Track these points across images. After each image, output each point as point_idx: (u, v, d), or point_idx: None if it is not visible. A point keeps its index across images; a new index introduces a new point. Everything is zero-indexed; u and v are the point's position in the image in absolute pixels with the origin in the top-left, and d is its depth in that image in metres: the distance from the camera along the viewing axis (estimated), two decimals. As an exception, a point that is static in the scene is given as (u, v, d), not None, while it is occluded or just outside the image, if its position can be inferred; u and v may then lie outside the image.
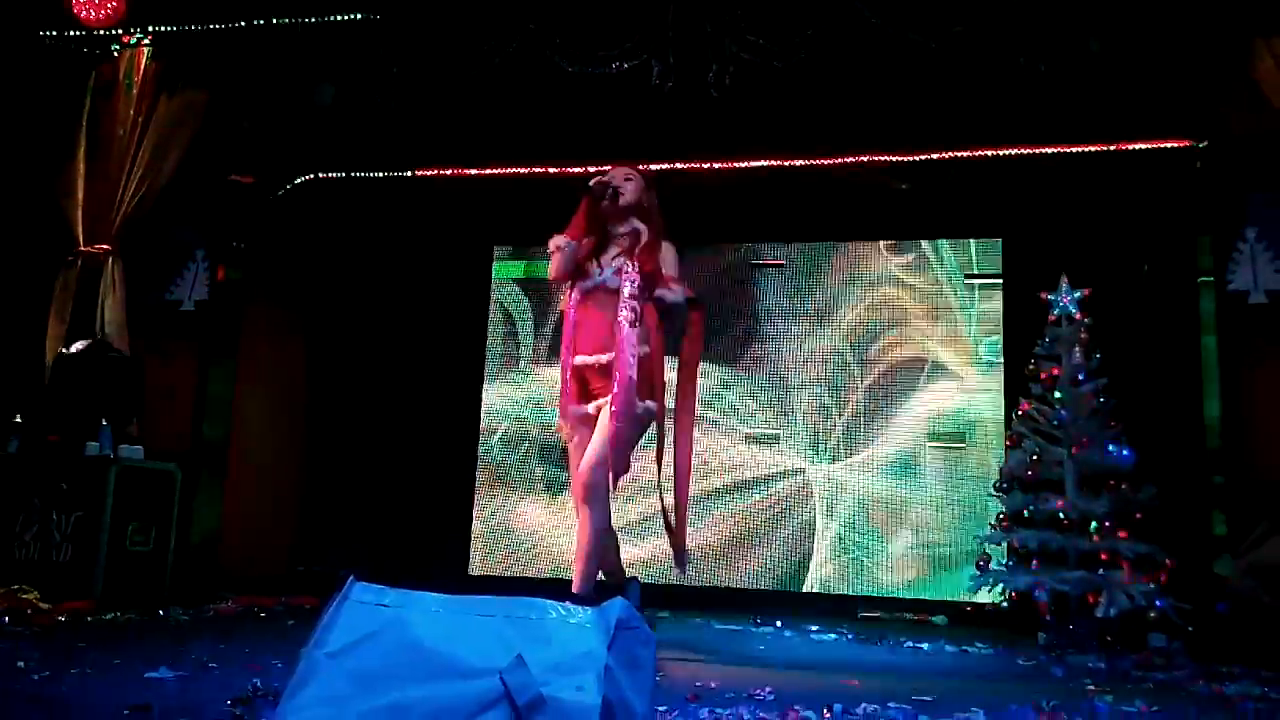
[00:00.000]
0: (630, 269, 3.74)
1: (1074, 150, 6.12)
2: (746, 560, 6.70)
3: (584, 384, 3.82)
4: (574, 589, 3.65)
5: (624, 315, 3.68)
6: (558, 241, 3.79)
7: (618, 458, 3.64)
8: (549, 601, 1.73)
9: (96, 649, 3.30)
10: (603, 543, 3.75)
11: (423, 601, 1.73)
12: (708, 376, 6.93)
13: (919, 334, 6.72)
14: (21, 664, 2.89)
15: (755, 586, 6.62)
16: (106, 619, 4.38)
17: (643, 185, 3.96)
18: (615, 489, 3.71)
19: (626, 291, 3.73)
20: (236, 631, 4.14)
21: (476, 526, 7.14)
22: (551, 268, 3.83)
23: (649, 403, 3.80)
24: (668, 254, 3.87)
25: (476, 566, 7.08)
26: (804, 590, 6.55)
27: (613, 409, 3.63)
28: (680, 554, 4.01)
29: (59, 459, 4.94)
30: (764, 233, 7.07)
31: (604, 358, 3.72)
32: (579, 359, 3.80)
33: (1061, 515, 4.83)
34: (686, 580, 6.67)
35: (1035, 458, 4.98)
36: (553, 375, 7.17)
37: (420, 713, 1.56)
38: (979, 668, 4.01)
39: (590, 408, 3.79)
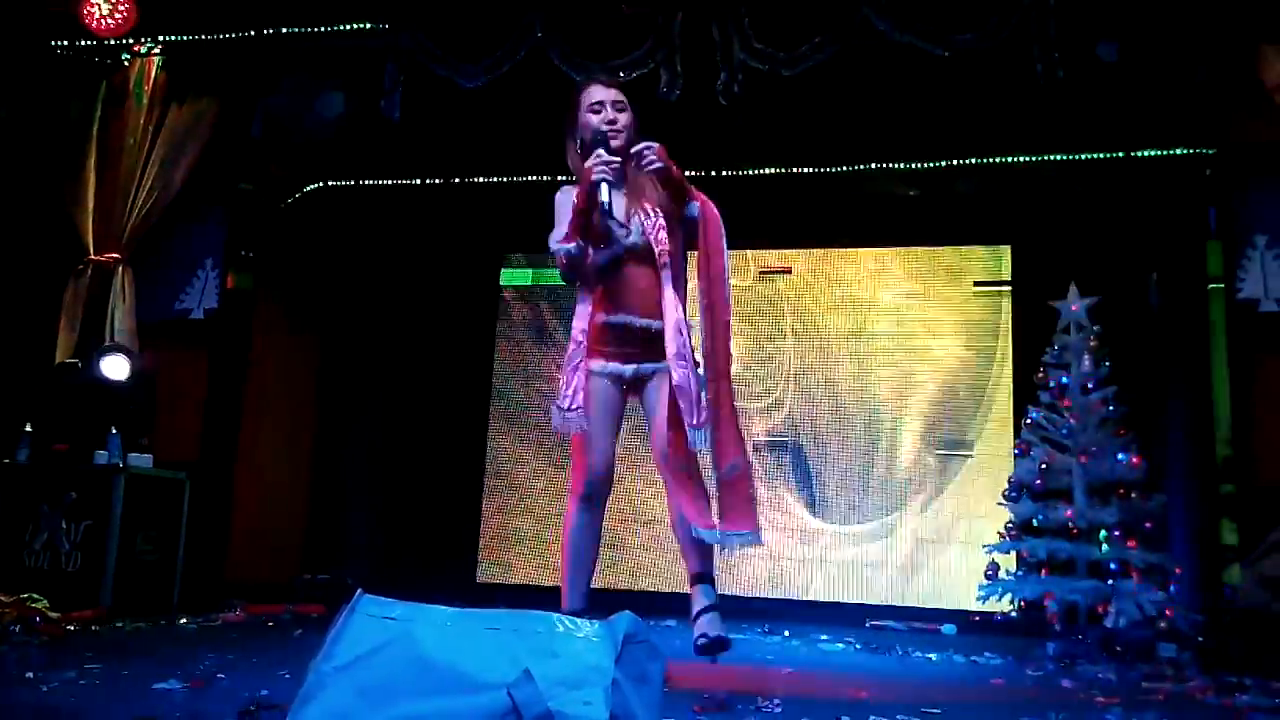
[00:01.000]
0: (653, 215, 3.20)
1: (1083, 157, 6.11)
2: (754, 568, 6.68)
3: (620, 345, 3.22)
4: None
5: (666, 275, 3.18)
6: (564, 250, 3.16)
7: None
8: (556, 614, 1.73)
9: (105, 659, 3.31)
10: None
11: (430, 614, 1.73)
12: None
13: (926, 341, 6.70)
14: (30, 674, 2.89)
15: (763, 595, 6.60)
16: (115, 628, 4.39)
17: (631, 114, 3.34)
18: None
19: (662, 241, 3.19)
20: (244, 641, 4.14)
21: (484, 534, 7.14)
22: (565, 277, 3.25)
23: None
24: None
25: (484, 574, 7.08)
26: (812, 599, 6.53)
27: (675, 383, 3.11)
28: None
29: (68, 467, 4.96)
30: (771, 239, 7.07)
31: (656, 323, 3.18)
32: (625, 317, 3.19)
33: (1070, 524, 4.81)
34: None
35: (1044, 466, 4.96)
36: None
37: (427, 727, 1.56)
38: (987, 678, 3.99)
39: (629, 370, 3.22)
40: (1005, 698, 3.42)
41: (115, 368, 5.26)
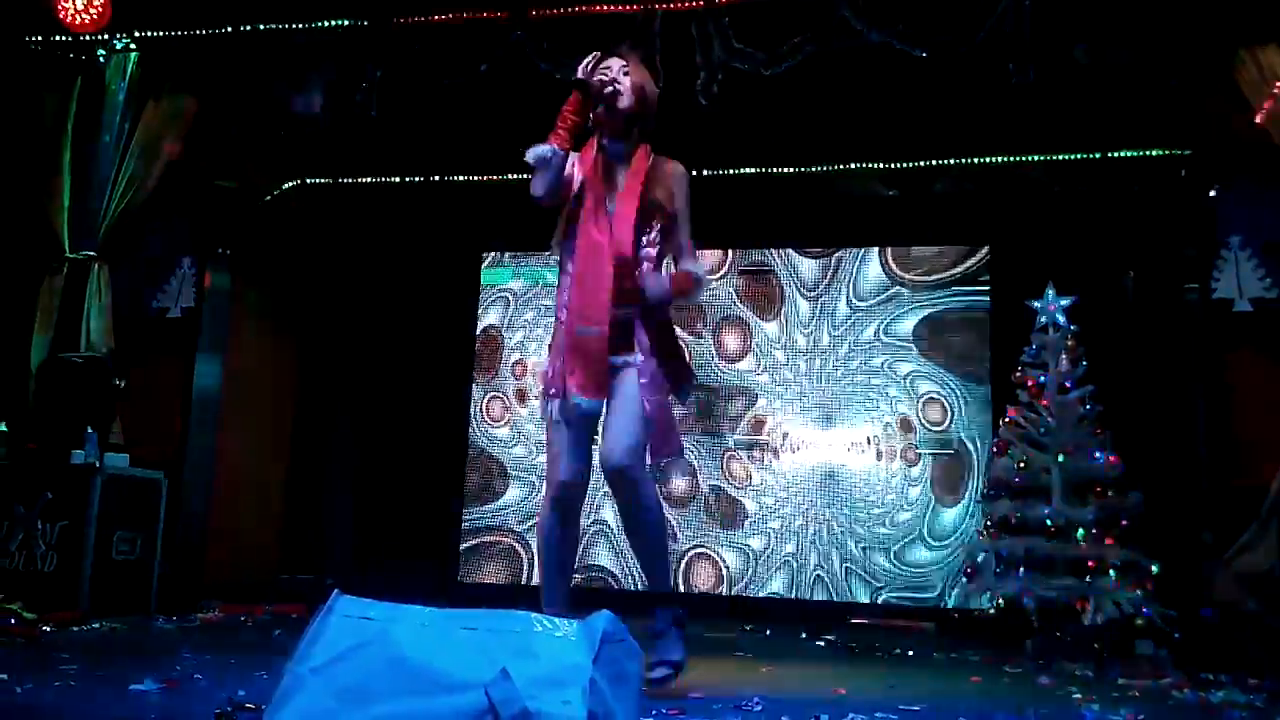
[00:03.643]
0: (652, 230, 3.14)
1: (1060, 158, 6.14)
2: (734, 567, 6.69)
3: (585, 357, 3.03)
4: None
5: (646, 268, 3.08)
6: (540, 153, 3.08)
7: (662, 438, 3.06)
8: (534, 614, 1.73)
9: (81, 660, 3.28)
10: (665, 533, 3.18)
11: (407, 614, 1.72)
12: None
13: (904, 340, 6.73)
14: (5, 676, 2.87)
15: (744, 593, 6.61)
16: (92, 629, 4.36)
17: (643, 81, 3.30)
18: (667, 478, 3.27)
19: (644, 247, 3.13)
20: (222, 641, 4.12)
21: (464, 534, 7.13)
22: (536, 185, 3.13)
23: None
24: (679, 186, 3.26)
25: (465, 574, 7.07)
26: (793, 597, 6.55)
27: (642, 380, 3.03)
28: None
29: (44, 467, 4.91)
30: (751, 239, 7.08)
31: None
32: (581, 328, 3.04)
33: (1048, 522, 4.83)
34: (674, 588, 6.67)
35: (1022, 465, 4.98)
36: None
37: (404, 728, 1.56)
38: (966, 675, 4.01)
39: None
40: (984, 695, 3.44)
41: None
